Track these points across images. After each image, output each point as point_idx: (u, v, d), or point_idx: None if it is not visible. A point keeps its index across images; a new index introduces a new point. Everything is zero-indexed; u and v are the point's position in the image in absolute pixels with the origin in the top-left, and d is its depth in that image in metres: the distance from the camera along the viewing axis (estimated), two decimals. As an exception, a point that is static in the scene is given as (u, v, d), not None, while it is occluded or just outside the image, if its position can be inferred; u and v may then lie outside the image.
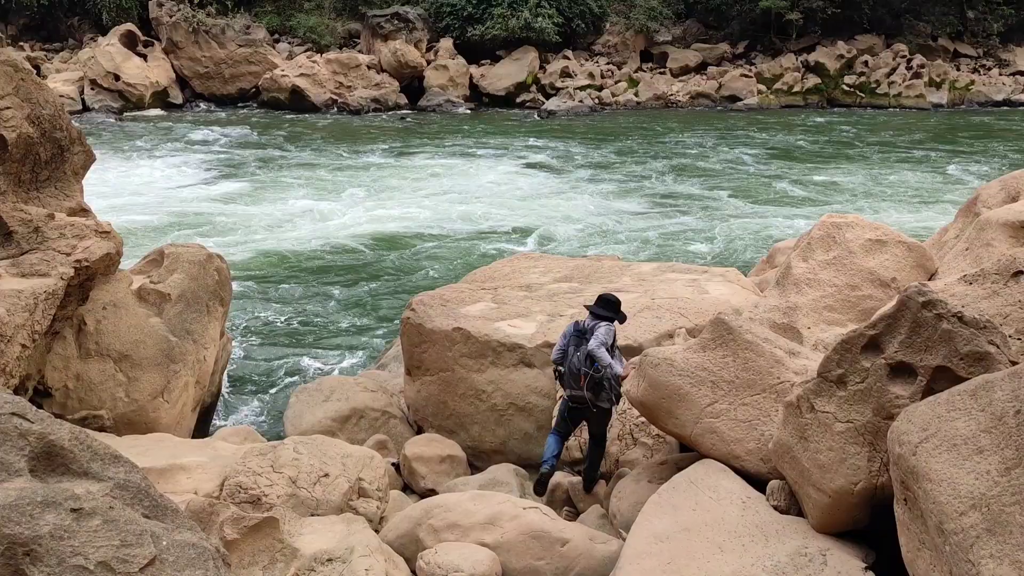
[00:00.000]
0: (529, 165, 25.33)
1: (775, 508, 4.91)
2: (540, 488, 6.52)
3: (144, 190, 21.47)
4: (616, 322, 6.40)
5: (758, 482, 5.15)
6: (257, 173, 24.03)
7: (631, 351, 7.35)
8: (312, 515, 5.57)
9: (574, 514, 6.51)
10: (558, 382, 6.56)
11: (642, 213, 20.02)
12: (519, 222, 19.00)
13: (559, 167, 25.21)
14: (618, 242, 17.39)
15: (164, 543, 2.81)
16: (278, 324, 13.02)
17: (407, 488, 7.46)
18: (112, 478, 2.89)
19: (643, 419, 6.51)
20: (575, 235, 18.01)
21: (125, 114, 32.98)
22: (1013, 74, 41.09)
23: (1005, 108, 38.50)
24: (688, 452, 5.94)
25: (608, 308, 6.37)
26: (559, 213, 19.74)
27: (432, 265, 16.12)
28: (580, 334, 6.28)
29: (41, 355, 6.79)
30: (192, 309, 7.77)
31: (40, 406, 6.81)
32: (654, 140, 29.72)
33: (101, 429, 6.95)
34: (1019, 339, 4.71)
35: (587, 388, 6.16)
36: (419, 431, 8.42)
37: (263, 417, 10.06)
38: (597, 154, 27.07)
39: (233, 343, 10.81)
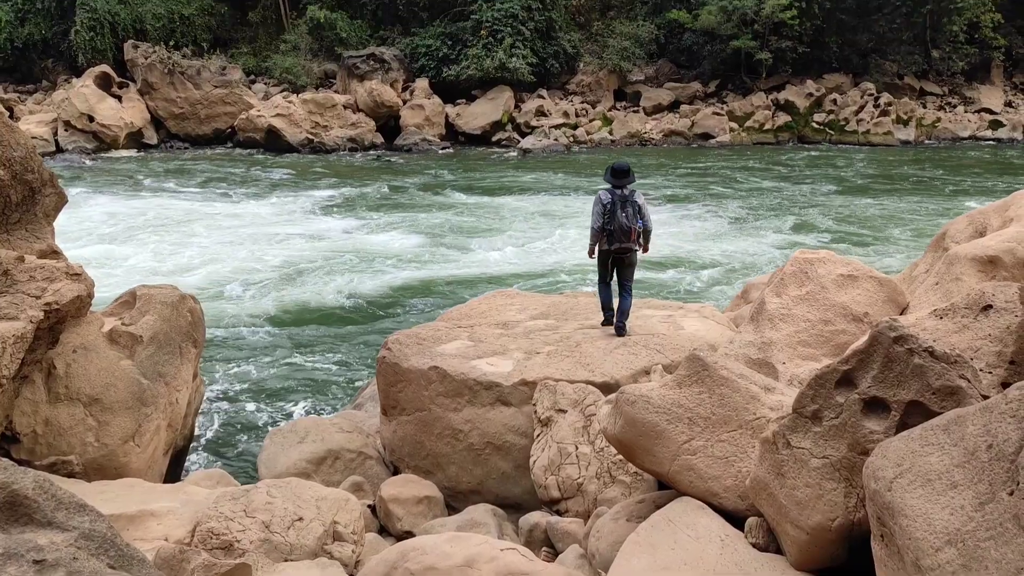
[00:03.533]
0: (511, 197, 25.53)
1: (754, 546, 4.89)
2: (610, 317, 8.49)
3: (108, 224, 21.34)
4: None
5: (736, 519, 5.12)
6: (222, 215, 23.97)
7: (608, 388, 7.35)
8: (286, 560, 5.47)
9: (552, 555, 6.44)
10: (605, 238, 8.05)
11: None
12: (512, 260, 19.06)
13: (547, 201, 25.41)
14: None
15: (130, 594, 2.74)
16: (252, 365, 12.89)
17: (383, 530, 7.36)
18: (77, 528, 2.83)
19: (620, 457, 6.49)
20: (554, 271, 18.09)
21: (98, 155, 32.83)
22: (978, 111, 42.05)
23: (970, 144, 39.33)
24: (666, 490, 5.91)
25: (628, 175, 8.02)
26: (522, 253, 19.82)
27: (409, 304, 16.07)
28: (622, 200, 7.95)
29: (9, 400, 6.66)
30: (164, 351, 7.67)
31: (8, 452, 6.70)
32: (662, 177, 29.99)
33: (71, 475, 6.81)
34: (990, 373, 4.75)
35: (637, 241, 8.06)
36: (395, 472, 8.33)
37: (237, 460, 9.91)
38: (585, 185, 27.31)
39: (207, 384, 10.68)
